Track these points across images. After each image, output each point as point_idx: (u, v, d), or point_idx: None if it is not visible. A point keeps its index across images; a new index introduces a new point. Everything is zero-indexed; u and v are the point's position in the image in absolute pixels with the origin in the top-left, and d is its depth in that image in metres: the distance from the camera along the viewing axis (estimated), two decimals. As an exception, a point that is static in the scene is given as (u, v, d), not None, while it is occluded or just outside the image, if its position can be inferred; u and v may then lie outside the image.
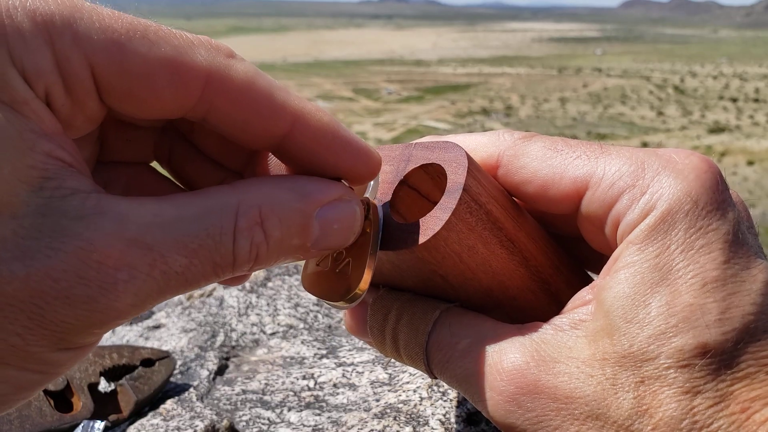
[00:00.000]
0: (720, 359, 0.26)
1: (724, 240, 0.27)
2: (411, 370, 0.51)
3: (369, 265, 0.31)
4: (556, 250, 0.35)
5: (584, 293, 0.31)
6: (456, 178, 0.30)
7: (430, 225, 0.30)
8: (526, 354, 0.29)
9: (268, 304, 0.71)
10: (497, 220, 0.31)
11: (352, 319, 0.37)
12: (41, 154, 0.22)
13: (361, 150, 0.29)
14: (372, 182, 0.32)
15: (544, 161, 0.32)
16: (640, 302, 0.27)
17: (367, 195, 0.32)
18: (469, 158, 0.31)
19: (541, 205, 0.33)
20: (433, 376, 0.33)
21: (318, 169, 0.29)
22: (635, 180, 0.29)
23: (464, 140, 0.34)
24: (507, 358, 0.30)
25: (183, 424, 0.49)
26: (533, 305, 0.34)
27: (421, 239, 0.30)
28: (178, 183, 0.33)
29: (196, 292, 0.76)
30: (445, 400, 0.45)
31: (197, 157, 0.32)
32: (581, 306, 0.31)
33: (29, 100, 0.22)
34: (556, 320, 0.31)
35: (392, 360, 0.53)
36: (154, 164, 0.33)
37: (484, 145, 0.34)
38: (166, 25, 0.25)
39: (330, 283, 0.32)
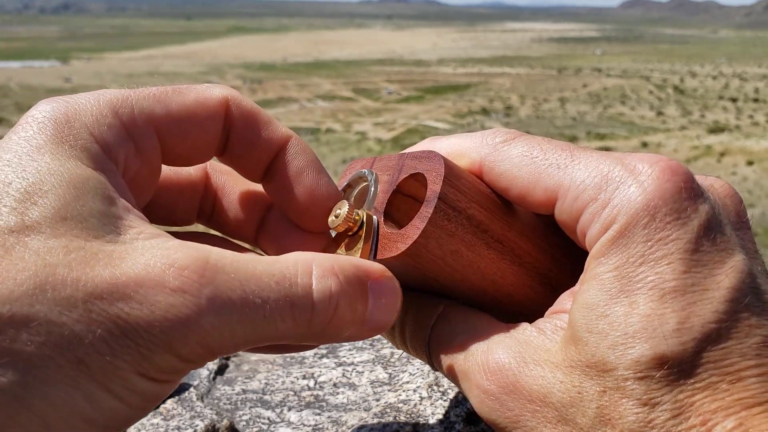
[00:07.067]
0: (678, 369, 0.26)
1: (685, 249, 0.27)
2: (411, 369, 0.52)
3: None
4: (557, 243, 0.36)
5: (564, 299, 0.32)
6: (434, 187, 0.32)
7: (410, 234, 0.32)
8: (509, 354, 0.30)
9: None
10: (480, 223, 0.33)
11: None
12: (122, 208, 0.28)
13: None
14: (371, 192, 0.35)
15: (521, 169, 0.33)
16: (600, 314, 0.28)
17: (365, 206, 0.34)
18: (447, 167, 0.32)
19: (525, 208, 0.34)
20: (434, 368, 0.35)
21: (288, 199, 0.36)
22: (597, 193, 0.30)
23: (451, 144, 0.36)
24: (493, 357, 0.31)
25: (183, 424, 0.49)
26: (531, 299, 0.35)
27: (401, 248, 0.32)
28: None
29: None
30: (444, 400, 0.45)
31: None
32: (562, 313, 0.31)
33: (108, 166, 0.30)
34: (541, 323, 0.32)
35: (392, 359, 0.55)
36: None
37: (468, 149, 0.35)
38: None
39: None
